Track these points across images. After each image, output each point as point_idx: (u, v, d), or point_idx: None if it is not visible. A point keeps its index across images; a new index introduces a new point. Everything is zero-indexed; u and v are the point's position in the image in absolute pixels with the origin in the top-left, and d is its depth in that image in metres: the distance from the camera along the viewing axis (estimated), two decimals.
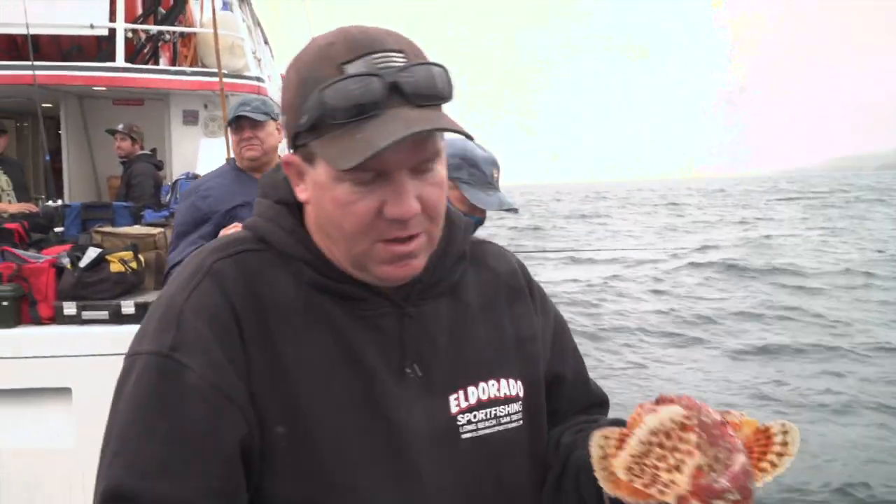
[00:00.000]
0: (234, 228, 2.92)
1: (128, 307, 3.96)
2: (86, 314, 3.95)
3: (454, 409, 1.15)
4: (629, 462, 0.95)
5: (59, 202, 5.91)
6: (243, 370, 1.04)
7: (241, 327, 1.06)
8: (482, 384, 1.18)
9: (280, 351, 1.06)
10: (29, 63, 5.54)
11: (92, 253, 4.08)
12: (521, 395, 1.21)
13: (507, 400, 1.20)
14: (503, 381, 1.20)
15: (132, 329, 3.94)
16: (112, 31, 6.91)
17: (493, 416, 1.18)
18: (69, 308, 3.95)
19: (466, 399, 1.16)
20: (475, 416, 1.16)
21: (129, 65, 6.84)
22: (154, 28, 7.65)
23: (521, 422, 1.21)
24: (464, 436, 1.15)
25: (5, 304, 3.90)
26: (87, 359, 3.84)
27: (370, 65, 1.00)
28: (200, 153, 6.81)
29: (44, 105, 6.43)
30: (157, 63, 7.70)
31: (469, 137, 1.07)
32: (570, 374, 1.33)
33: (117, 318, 3.95)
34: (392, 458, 1.08)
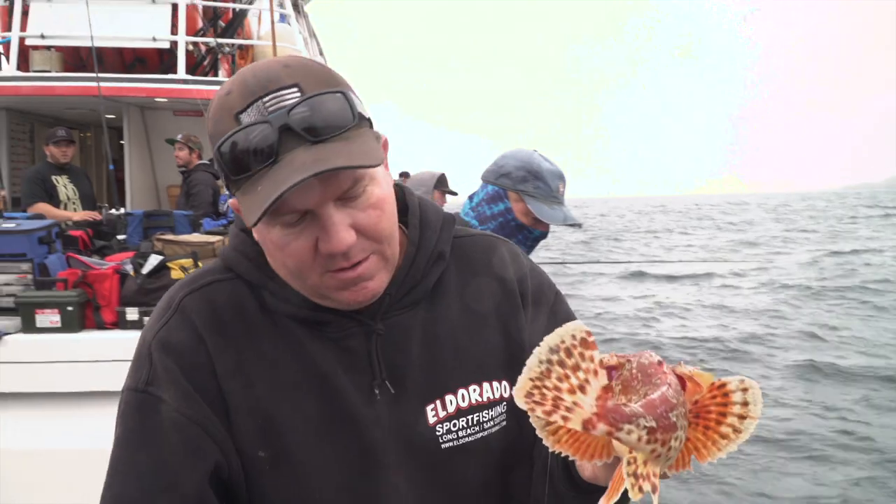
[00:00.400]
0: None
1: None
2: (147, 320, 4.03)
3: (432, 420, 1.13)
4: (529, 387, 0.83)
5: (122, 210, 6.06)
6: (216, 402, 1.07)
7: (212, 360, 1.08)
8: (462, 391, 1.16)
9: (252, 378, 1.08)
10: (94, 75, 5.69)
11: (154, 260, 4.17)
12: (505, 395, 1.19)
13: (491, 404, 1.17)
14: (486, 385, 1.17)
15: None
16: (173, 44, 7.09)
17: (475, 422, 1.16)
18: (132, 314, 4.05)
19: (444, 408, 1.14)
20: (455, 425, 1.15)
21: (189, 77, 6.99)
22: (214, 41, 7.81)
23: (505, 422, 1.19)
24: (444, 445, 1.14)
25: (70, 308, 4.01)
26: None
27: (261, 111, 0.97)
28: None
29: (107, 116, 6.61)
30: (216, 75, 7.87)
31: (368, 167, 0.98)
32: None
33: None
34: (370, 477, 1.09)
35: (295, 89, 0.98)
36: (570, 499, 1.06)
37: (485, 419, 1.16)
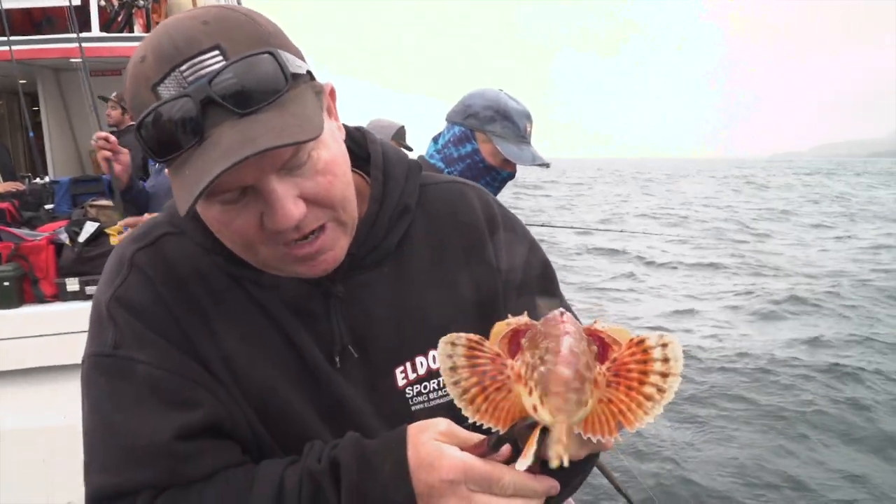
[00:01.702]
0: None
1: None
2: (89, 289, 3.91)
3: (401, 383, 1.11)
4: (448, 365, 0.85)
5: (47, 179, 5.82)
6: (192, 354, 1.03)
7: (175, 316, 1.03)
8: (432, 352, 1.11)
9: (218, 335, 1.04)
10: (5, 39, 5.39)
11: (90, 227, 4.03)
12: None
13: None
14: None
15: None
16: (85, 1, 6.74)
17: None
18: (72, 284, 3.92)
19: (414, 370, 1.11)
20: (425, 388, 1.12)
21: (104, 34, 6.69)
22: None
23: None
24: (414, 408, 1.11)
25: (7, 284, 3.86)
26: None
27: (179, 81, 0.87)
28: None
29: (20, 81, 6.29)
30: (131, 31, 7.53)
31: (304, 142, 0.89)
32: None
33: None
34: (341, 434, 1.05)
35: (216, 53, 0.88)
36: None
37: None
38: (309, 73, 0.97)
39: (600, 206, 32.93)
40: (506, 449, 0.87)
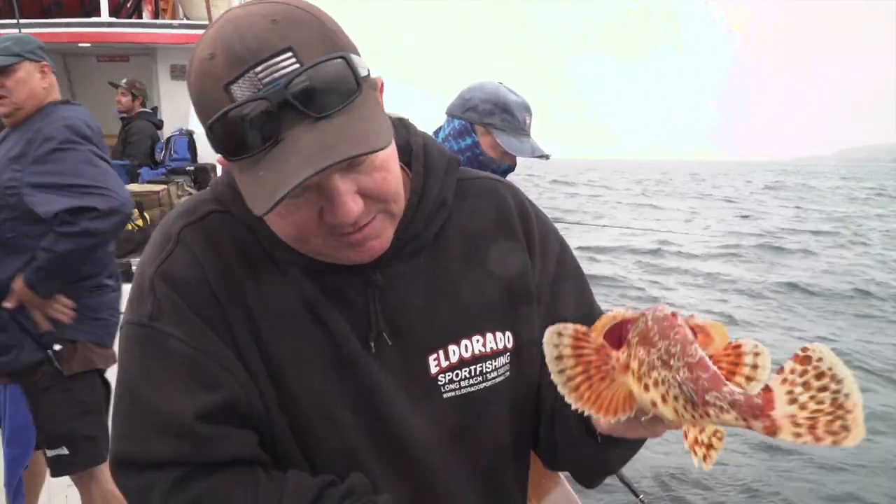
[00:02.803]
0: None
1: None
2: None
3: (434, 370, 1.12)
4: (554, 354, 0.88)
5: None
6: (227, 337, 1.04)
7: (216, 294, 1.05)
8: (465, 341, 1.14)
9: (255, 316, 1.06)
10: (14, 21, 5.38)
11: None
12: (509, 346, 1.18)
13: (495, 354, 1.16)
14: (490, 336, 1.16)
15: None
16: None
17: (478, 373, 1.15)
18: None
19: (447, 358, 1.13)
20: (457, 375, 1.14)
21: (113, 19, 6.68)
22: None
23: (508, 374, 1.18)
24: (445, 395, 1.13)
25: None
26: None
27: (255, 84, 0.89)
28: (193, 109, 6.68)
29: None
30: (140, 17, 7.53)
31: (379, 150, 0.91)
32: (573, 318, 1.14)
33: (127, 276, 3.91)
34: (374, 421, 1.08)
35: (290, 55, 0.90)
36: (588, 448, 1.09)
37: (488, 370, 1.15)
38: (368, 71, 0.99)
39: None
40: None
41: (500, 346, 1.16)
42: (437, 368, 1.12)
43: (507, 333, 1.17)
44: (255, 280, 1.06)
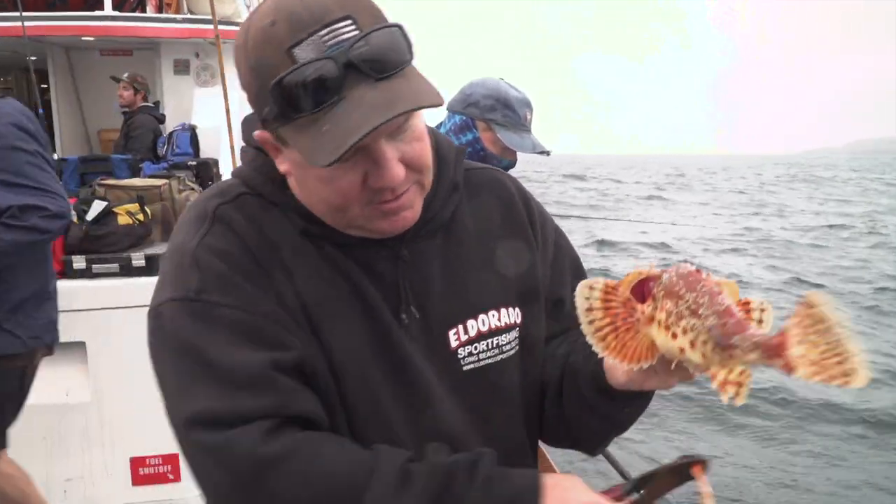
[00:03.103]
0: None
1: (138, 259, 3.91)
2: (96, 268, 3.90)
3: (454, 344, 1.18)
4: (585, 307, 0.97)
5: (55, 157, 5.80)
6: (279, 300, 1.07)
7: (260, 263, 1.08)
8: (482, 316, 1.21)
9: (298, 287, 1.09)
10: (17, 14, 5.36)
11: (98, 206, 4.02)
12: (518, 322, 1.25)
13: (508, 328, 1.23)
14: (503, 311, 1.23)
15: (143, 281, 3.88)
16: None
17: (494, 345, 1.21)
18: (78, 262, 3.90)
19: (466, 332, 1.19)
20: (476, 348, 1.20)
21: (117, 13, 6.66)
22: None
23: (517, 348, 1.25)
24: (465, 367, 1.19)
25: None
26: (99, 312, 3.81)
27: (319, 46, 0.95)
28: (196, 103, 6.69)
29: (30, 58, 6.26)
30: (144, 11, 7.50)
31: (436, 105, 0.99)
32: (570, 296, 1.37)
33: (128, 270, 3.91)
34: (405, 390, 1.12)
35: (350, 22, 0.96)
36: (601, 406, 1.17)
37: (503, 342, 1.22)
38: None
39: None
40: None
41: (511, 320, 1.23)
42: (457, 342, 1.18)
43: (516, 309, 1.24)
44: (292, 252, 1.10)
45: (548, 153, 2.62)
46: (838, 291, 12.88)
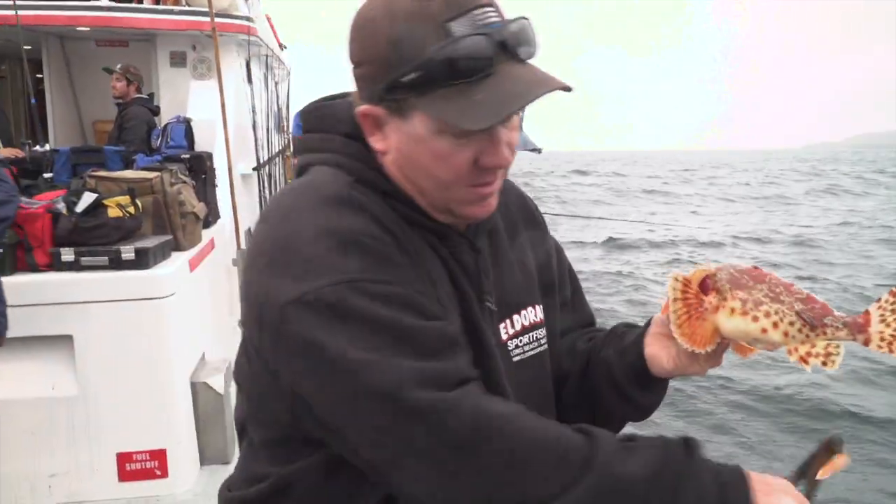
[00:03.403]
0: None
1: (128, 253, 3.85)
2: (84, 260, 3.84)
3: (504, 337, 1.24)
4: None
5: (47, 147, 5.75)
6: (423, 278, 1.10)
7: (401, 246, 1.09)
8: (524, 311, 1.28)
9: (426, 267, 1.12)
10: (11, 3, 5.31)
11: (88, 198, 3.96)
12: (542, 318, 1.32)
13: (542, 324, 1.31)
14: (537, 308, 1.31)
15: (132, 275, 3.81)
16: None
17: (535, 339, 1.29)
18: (67, 254, 3.85)
19: (513, 326, 1.26)
20: (521, 341, 1.27)
21: (113, 3, 6.61)
22: None
23: (546, 344, 1.32)
24: (514, 359, 1.25)
25: (0, 250, 3.79)
26: (87, 305, 3.76)
27: (474, 23, 1.02)
28: (191, 96, 6.64)
29: (24, 47, 6.21)
30: (140, 2, 7.45)
31: (570, 89, 1.07)
32: (572, 293, 1.46)
33: (117, 264, 3.85)
34: (486, 377, 1.12)
35: (493, 9, 1.04)
36: (636, 394, 1.27)
37: (540, 336, 1.30)
38: None
39: None
40: None
41: (539, 317, 1.31)
42: (507, 335, 1.25)
43: (540, 305, 1.32)
44: (406, 239, 1.12)
45: (539, 150, 2.58)
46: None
